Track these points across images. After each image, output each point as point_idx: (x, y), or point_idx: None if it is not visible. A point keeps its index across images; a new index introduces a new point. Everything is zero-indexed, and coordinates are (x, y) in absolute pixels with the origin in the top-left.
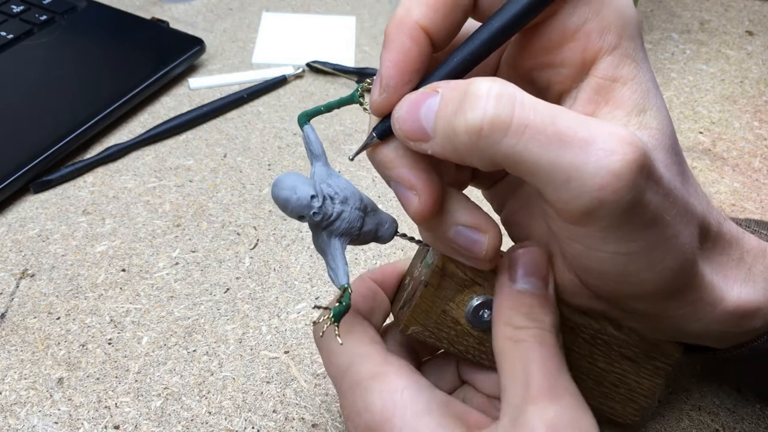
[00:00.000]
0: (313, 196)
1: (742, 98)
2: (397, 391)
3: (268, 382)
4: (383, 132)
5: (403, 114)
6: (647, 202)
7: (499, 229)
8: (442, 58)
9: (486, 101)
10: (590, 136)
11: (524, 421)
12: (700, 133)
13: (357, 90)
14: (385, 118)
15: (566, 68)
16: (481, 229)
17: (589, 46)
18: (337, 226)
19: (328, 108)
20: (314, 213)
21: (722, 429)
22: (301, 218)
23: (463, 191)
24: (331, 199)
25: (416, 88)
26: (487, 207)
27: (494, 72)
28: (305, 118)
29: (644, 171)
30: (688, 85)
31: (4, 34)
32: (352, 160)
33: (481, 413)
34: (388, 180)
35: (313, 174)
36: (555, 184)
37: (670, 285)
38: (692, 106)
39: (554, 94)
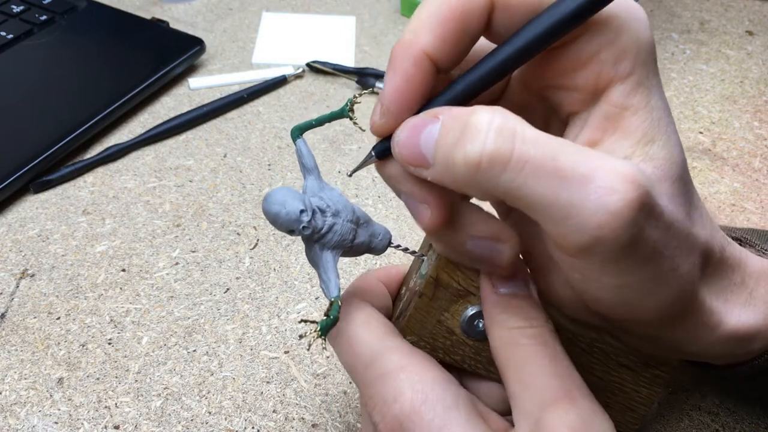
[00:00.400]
0: (302, 211)
1: (742, 98)
2: (428, 383)
3: (268, 382)
4: (382, 152)
5: (403, 139)
6: (646, 239)
7: (517, 236)
8: (450, 78)
9: (486, 135)
10: (590, 173)
11: (546, 427)
12: (700, 133)
13: (347, 104)
14: (386, 138)
15: (578, 92)
16: (500, 239)
17: (602, 73)
18: (329, 238)
19: (320, 122)
20: (303, 227)
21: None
22: (291, 232)
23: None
24: (322, 212)
25: (420, 110)
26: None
27: (505, 86)
28: (298, 132)
29: (644, 209)
30: (688, 85)
31: (4, 34)
32: (350, 176)
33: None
34: (399, 193)
35: (305, 187)
36: (554, 220)
37: (666, 313)
38: (692, 106)
39: (564, 115)
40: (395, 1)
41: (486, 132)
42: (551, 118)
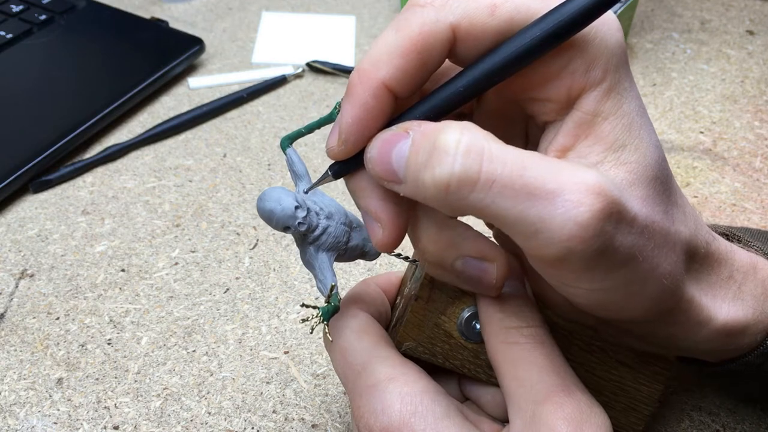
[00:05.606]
0: (297, 207)
1: (742, 98)
2: (417, 395)
3: (267, 383)
4: (338, 172)
5: (375, 156)
6: (617, 246)
7: (507, 256)
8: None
9: (454, 157)
10: (558, 188)
11: (541, 420)
12: (701, 132)
13: (335, 108)
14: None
15: (552, 103)
16: (488, 258)
17: (574, 83)
18: (324, 240)
19: (309, 129)
20: (299, 223)
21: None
22: (286, 229)
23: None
24: (316, 214)
25: (393, 122)
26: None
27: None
28: (287, 142)
29: (612, 218)
30: (689, 84)
31: (3, 33)
32: (306, 193)
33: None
34: (359, 207)
35: (298, 192)
36: (525, 235)
37: (651, 312)
38: (693, 105)
39: (539, 123)
40: (395, 1)
41: (454, 154)
42: (529, 123)
